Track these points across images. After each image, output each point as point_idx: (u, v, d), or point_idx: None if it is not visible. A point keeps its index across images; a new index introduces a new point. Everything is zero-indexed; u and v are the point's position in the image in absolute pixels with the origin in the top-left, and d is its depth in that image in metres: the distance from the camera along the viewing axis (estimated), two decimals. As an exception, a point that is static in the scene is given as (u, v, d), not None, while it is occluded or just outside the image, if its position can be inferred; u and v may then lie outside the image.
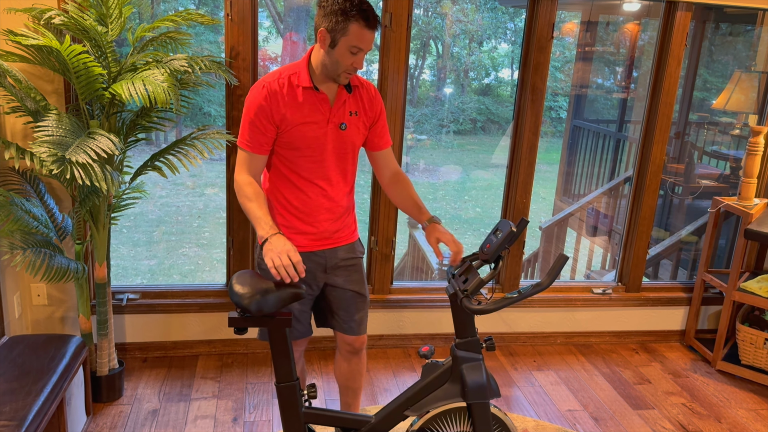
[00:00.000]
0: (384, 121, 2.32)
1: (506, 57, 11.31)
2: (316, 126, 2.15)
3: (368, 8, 2.01)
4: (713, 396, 3.31)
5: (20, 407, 2.15)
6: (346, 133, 2.20)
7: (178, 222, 7.94)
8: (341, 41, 2.02)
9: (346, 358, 2.47)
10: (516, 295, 1.97)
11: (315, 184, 2.21)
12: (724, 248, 4.50)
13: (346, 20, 1.99)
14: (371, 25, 2.02)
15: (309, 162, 2.18)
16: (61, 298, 3.10)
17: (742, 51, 5.65)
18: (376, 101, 2.28)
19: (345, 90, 2.19)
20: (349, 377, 2.51)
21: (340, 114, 2.18)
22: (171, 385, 3.09)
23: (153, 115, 2.77)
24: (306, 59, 2.14)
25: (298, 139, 2.14)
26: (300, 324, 2.33)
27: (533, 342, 3.72)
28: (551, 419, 3.02)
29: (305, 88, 2.12)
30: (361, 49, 2.04)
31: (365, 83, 2.27)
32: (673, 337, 3.89)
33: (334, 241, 2.31)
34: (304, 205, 2.22)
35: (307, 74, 2.13)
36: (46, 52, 2.46)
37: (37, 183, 2.82)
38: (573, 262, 5.89)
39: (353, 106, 2.21)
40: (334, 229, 2.29)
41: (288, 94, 2.11)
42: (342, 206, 2.29)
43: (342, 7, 1.98)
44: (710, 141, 5.55)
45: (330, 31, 2.02)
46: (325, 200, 2.24)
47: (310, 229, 2.25)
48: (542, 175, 9.70)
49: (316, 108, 2.14)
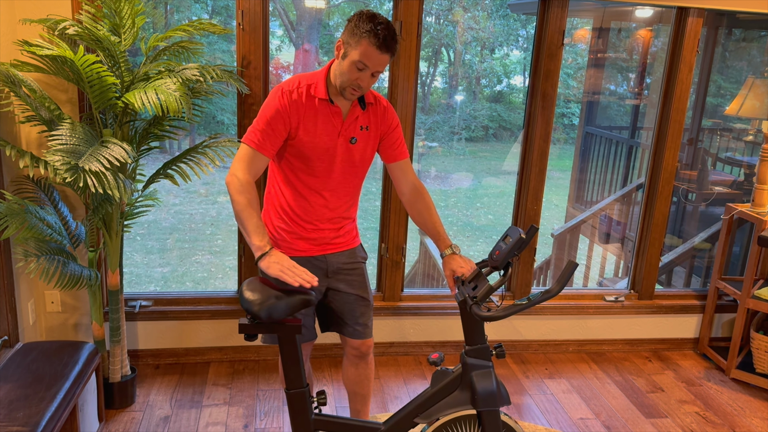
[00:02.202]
0: (399, 133, 2.34)
1: (518, 64, 11.30)
2: (327, 138, 2.18)
3: (387, 33, 2.04)
4: (727, 405, 3.28)
5: (33, 413, 2.17)
6: (356, 147, 2.24)
7: (191, 230, 7.99)
8: (350, 54, 2.07)
9: (353, 362, 2.49)
10: (525, 302, 1.97)
11: (320, 194, 2.25)
12: (738, 255, 4.47)
13: (359, 36, 2.04)
14: (382, 47, 2.04)
15: (316, 172, 2.21)
16: (75, 305, 3.13)
17: (756, 57, 5.62)
18: (388, 113, 2.31)
19: (359, 106, 2.23)
20: (357, 382, 2.52)
21: (352, 128, 2.22)
22: (183, 392, 3.10)
23: (165, 123, 2.79)
24: (325, 70, 2.18)
25: (309, 149, 2.17)
26: (304, 328, 2.34)
27: (545, 350, 3.71)
28: (563, 427, 3.00)
29: (321, 100, 2.16)
30: (367, 66, 2.07)
31: (380, 99, 2.30)
32: (686, 345, 3.85)
33: (335, 246, 2.34)
34: (306, 213, 2.26)
35: (324, 86, 2.17)
36: (60, 62, 2.49)
37: (51, 191, 2.85)
38: (585, 270, 5.86)
39: (365, 121, 2.25)
40: (335, 235, 2.33)
41: (305, 104, 2.15)
42: (344, 217, 2.33)
43: (362, 25, 2.04)
44: (724, 147, 5.51)
45: (344, 43, 2.08)
46: (327, 210, 2.27)
47: (311, 235, 2.29)
48: (555, 182, 9.66)
49: (329, 120, 2.18)
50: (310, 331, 2.39)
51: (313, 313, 2.40)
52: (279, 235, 2.30)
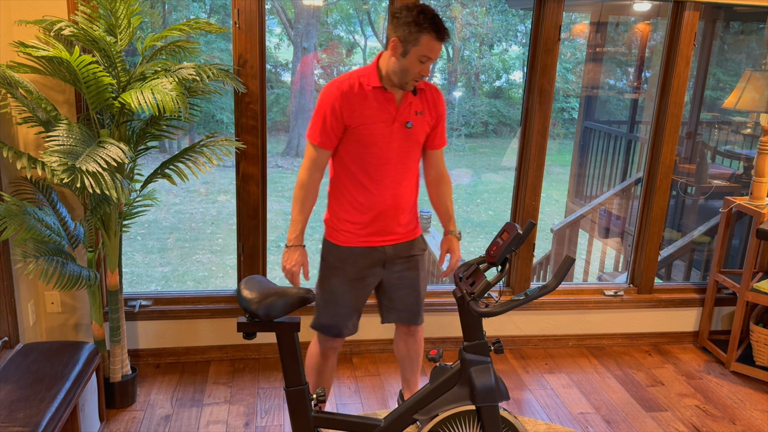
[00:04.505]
0: (444, 122, 2.47)
1: (517, 59, 11.29)
2: (383, 124, 2.29)
3: (439, 21, 2.16)
4: (727, 398, 3.29)
5: (34, 413, 2.18)
6: (412, 131, 2.34)
7: (191, 229, 8.00)
8: (412, 51, 2.17)
9: (402, 339, 2.68)
10: (523, 298, 1.97)
11: (379, 180, 2.35)
12: (737, 248, 4.47)
13: (418, 31, 2.14)
14: (441, 37, 2.17)
15: (374, 159, 2.32)
16: (75, 305, 3.14)
17: (756, 49, 5.61)
18: (439, 102, 2.43)
19: (411, 92, 2.33)
20: (406, 355, 2.71)
21: (407, 113, 2.32)
22: (183, 391, 3.11)
23: (162, 123, 2.80)
24: (375, 63, 2.30)
25: (366, 136, 2.29)
26: (343, 324, 2.47)
27: (545, 345, 3.71)
28: (563, 422, 3.01)
29: (374, 88, 2.28)
30: (430, 58, 2.19)
31: (430, 85, 2.42)
32: (686, 339, 3.86)
33: (396, 237, 2.44)
34: (368, 200, 2.36)
35: (376, 76, 2.28)
36: (56, 63, 2.50)
37: (49, 192, 2.86)
38: (585, 265, 5.86)
39: (419, 106, 2.36)
40: (396, 224, 2.42)
41: (358, 94, 2.26)
42: (404, 203, 2.42)
43: (416, 20, 2.14)
44: (723, 140, 5.51)
45: (402, 41, 2.17)
46: (387, 197, 2.37)
47: (371, 224, 2.38)
48: (555, 177, 9.65)
49: (384, 107, 2.29)
50: (355, 325, 2.52)
51: (361, 307, 2.51)
52: (343, 226, 2.40)
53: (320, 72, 10.20)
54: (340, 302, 2.43)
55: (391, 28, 2.20)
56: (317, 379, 2.58)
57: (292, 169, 9.74)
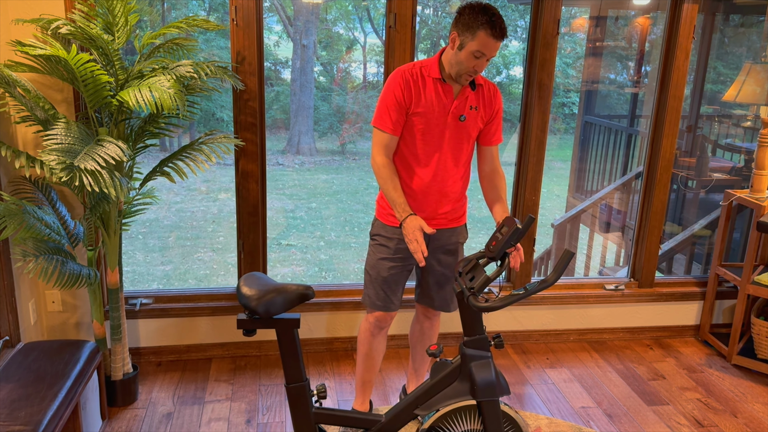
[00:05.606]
0: (500, 120, 2.55)
1: (517, 55, 11.27)
2: (438, 114, 2.39)
3: (498, 20, 2.23)
4: (729, 391, 3.28)
5: (35, 412, 2.19)
6: (464, 124, 2.43)
7: (192, 227, 8.00)
8: (468, 45, 2.25)
9: (419, 321, 2.78)
10: (522, 292, 1.97)
11: (430, 167, 2.44)
12: (738, 242, 4.46)
13: (476, 27, 2.22)
14: (497, 35, 2.24)
15: (426, 146, 2.42)
16: (75, 304, 3.14)
17: (756, 42, 5.59)
18: (495, 99, 2.50)
19: (469, 86, 2.42)
20: (419, 338, 2.80)
21: (461, 107, 2.41)
22: (185, 389, 3.11)
23: (161, 121, 2.79)
24: (438, 56, 2.41)
25: (421, 123, 2.39)
26: (389, 299, 2.56)
27: (546, 339, 3.71)
28: (564, 416, 3.01)
29: (435, 79, 2.38)
30: (484, 54, 2.26)
31: (489, 83, 2.50)
32: (687, 332, 3.85)
33: (441, 222, 2.52)
34: (418, 186, 2.46)
35: (437, 68, 2.39)
36: (54, 61, 2.49)
37: (48, 191, 2.86)
38: (586, 259, 5.86)
39: (474, 101, 2.44)
40: (443, 211, 2.51)
41: (418, 82, 2.38)
42: (453, 191, 2.50)
43: (476, 17, 2.23)
44: (723, 134, 5.50)
45: (460, 35, 2.27)
46: (436, 183, 2.46)
47: (420, 209, 2.48)
48: (556, 172, 9.63)
49: (441, 98, 2.39)
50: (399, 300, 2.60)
51: (403, 284, 2.60)
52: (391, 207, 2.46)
53: (320, 69, 10.18)
54: (384, 278, 2.54)
55: (453, 23, 2.31)
56: (365, 362, 2.69)
57: (292, 167, 9.73)
